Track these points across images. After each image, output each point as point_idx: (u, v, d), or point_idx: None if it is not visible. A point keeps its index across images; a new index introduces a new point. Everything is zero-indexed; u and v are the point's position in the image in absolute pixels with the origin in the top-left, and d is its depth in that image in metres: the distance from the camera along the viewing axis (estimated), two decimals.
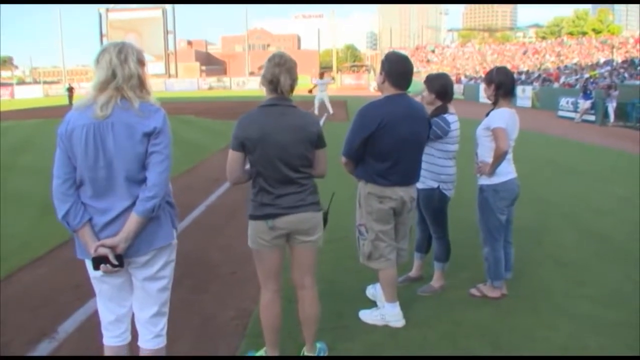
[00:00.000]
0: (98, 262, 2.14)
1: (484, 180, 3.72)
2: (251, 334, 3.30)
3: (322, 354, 3.03)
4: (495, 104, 3.72)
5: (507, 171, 3.69)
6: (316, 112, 19.05)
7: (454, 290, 3.94)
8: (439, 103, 3.75)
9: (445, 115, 3.70)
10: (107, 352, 2.39)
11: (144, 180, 2.17)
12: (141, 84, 2.19)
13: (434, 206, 3.80)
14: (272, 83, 2.65)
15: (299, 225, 2.72)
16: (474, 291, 3.88)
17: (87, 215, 2.16)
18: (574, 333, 3.34)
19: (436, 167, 3.71)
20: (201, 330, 3.43)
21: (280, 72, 2.64)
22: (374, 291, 3.72)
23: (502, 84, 3.66)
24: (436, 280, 3.97)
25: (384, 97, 3.18)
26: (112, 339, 2.37)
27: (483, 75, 42.48)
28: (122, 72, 2.13)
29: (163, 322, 2.41)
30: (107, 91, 2.12)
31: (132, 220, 2.15)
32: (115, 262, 2.14)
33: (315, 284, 2.90)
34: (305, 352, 2.99)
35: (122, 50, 2.16)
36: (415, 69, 3.40)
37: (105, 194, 2.16)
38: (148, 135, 2.14)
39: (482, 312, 3.62)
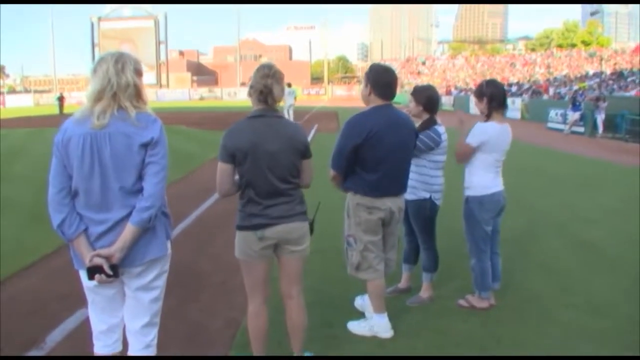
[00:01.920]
0: (93, 272, 2.13)
1: (470, 192, 3.75)
2: (239, 344, 3.30)
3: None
4: (488, 116, 3.72)
5: (494, 184, 3.72)
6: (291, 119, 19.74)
7: (442, 301, 3.96)
8: (426, 115, 3.78)
9: (436, 127, 3.74)
10: None
11: (140, 191, 2.17)
12: (138, 94, 2.19)
13: (425, 216, 3.81)
14: (262, 94, 2.65)
15: (287, 235, 2.73)
16: (462, 302, 3.90)
17: (82, 225, 2.16)
18: (563, 342, 3.36)
19: (427, 178, 3.74)
20: (190, 339, 3.42)
21: (272, 82, 2.65)
22: (362, 302, 3.72)
23: (494, 97, 3.67)
24: (424, 290, 3.98)
25: (371, 108, 3.19)
26: (104, 348, 2.36)
27: (474, 87, 42.93)
28: (119, 82, 2.13)
29: (154, 332, 2.41)
30: (103, 100, 2.12)
31: (128, 231, 2.14)
32: (110, 273, 2.13)
33: (302, 294, 2.91)
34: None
35: (120, 60, 2.16)
36: (406, 81, 3.46)
37: (100, 204, 2.16)
38: (145, 146, 2.14)
39: (471, 322, 3.64)
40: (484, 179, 3.69)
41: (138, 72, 2.20)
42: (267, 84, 2.64)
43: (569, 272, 4.66)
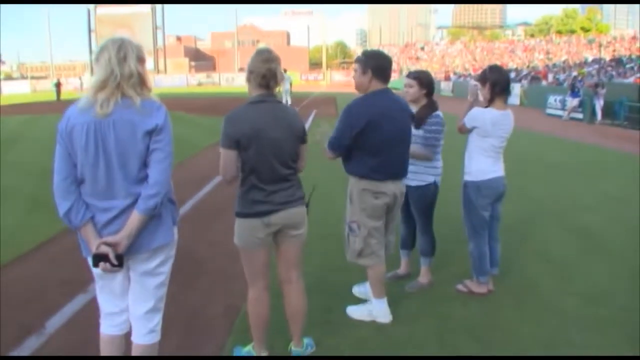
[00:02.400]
0: (98, 259, 2.13)
1: (468, 177, 3.76)
2: (238, 330, 3.31)
3: (309, 349, 3.03)
4: (490, 102, 3.70)
5: (493, 169, 3.72)
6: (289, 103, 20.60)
7: (441, 286, 3.97)
8: (424, 100, 3.78)
9: (438, 112, 3.74)
10: (103, 340, 2.39)
11: (145, 178, 2.15)
12: (141, 82, 2.16)
13: (428, 200, 3.84)
14: (265, 78, 2.62)
15: (290, 220, 2.73)
16: (460, 287, 3.91)
17: (89, 213, 2.15)
18: (560, 329, 3.38)
19: (433, 162, 3.76)
20: (189, 325, 3.43)
21: (276, 67, 2.64)
22: (362, 289, 3.73)
23: (497, 82, 3.66)
24: (423, 275, 4.00)
25: (371, 93, 3.18)
26: (111, 328, 2.37)
27: (472, 73, 42.61)
28: (122, 71, 2.09)
29: (158, 317, 2.41)
30: (107, 89, 2.10)
31: (134, 218, 2.14)
32: (115, 262, 2.13)
33: (301, 278, 2.92)
34: (293, 347, 3.00)
35: (122, 48, 2.12)
36: (405, 67, 3.45)
37: (106, 192, 2.15)
38: (150, 133, 2.12)
39: (469, 308, 3.66)
40: (482, 164, 3.70)
41: (141, 60, 2.17)
42: (272, 68, 2.63)
43: (568, 259, 4.67)
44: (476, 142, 3.71)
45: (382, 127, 3.10)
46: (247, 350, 2.99)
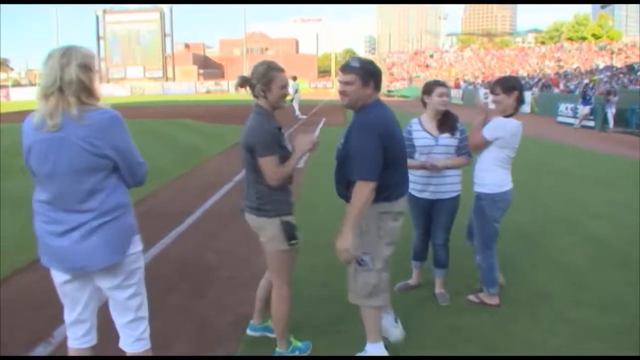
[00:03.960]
0: None
1: (482, 189, 3.68)
2: (248, 339, 3.29)
3: (296, 352, 3.07)
4: (515, 110, 3.63)
5: (507, 182, 3.68)
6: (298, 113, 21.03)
7: (452, 297, 3.92)
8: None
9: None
10: (70, 354, 2.40)
11: (97, 192, 2.12)
12: (85, 90, 2.08)
13: (458, 210, 3.82)
14: (284, 88, 2.87)
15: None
16: (472, 297, 3.86)
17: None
18: (572, 339, 3.33)
19: (459, 170, 3.79)
20: (198, 334, 3.41)
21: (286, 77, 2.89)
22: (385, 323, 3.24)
23: (520, 93, 3.64)
24: (439, 287, 3.97)
25: (376, 102, 2.82)
26: (73, 341, 2.38)
27: (482, 81, 42.43)
28: (62, 77, 2.04)
29: (142, 326, 2.37)
30: (51, 98, 2.05)
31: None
32: None
33: (281, 286, 2.95)
34: (277, 348, 3.07)
35: (66, 54, 2.07)
36: (414, 74, 3.39)
37: (62, 207, 2.14)
38: (97, 146, 2.07)
39: (480, 318, 3.61)
40: (497, 176, 3.64)
41: (85, 67, 2.09)
42: (286, 79, 2.91)
43: (579, 268, 4.61)
44: (493, 153, 3.62)
45: (396, 138, 2.82)
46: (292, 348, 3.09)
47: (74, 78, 2.05)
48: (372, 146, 2.67)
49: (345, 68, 2.78)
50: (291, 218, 2.88)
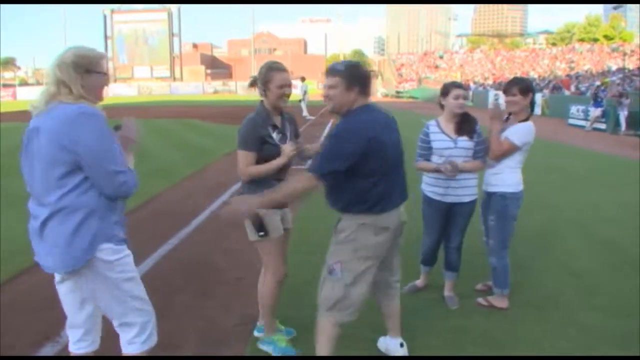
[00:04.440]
0: None
1: (508, 188, 3.67)
2: (255, 341, 3.28)
3: (269, 348, 3.16)
4: (528, 117, 3.67)
5: (521, 181, 3.74)
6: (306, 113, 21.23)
7: (461, 300, 3.89)
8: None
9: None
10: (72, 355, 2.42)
11: (58, 187, 2.08)
12: (65, 86, 2.10)
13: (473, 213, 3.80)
14: (283, 88, 2.98)
15: None
16: (481, 301, 3.83)
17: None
18: (583, 344, 3.29)
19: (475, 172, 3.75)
20: (205, 335, 3.40)
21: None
22: (388, 343, 3.15)
23: (533, 95, 3.66)
24: (449, 289, 3.93)
25: (362, 108, 2.63)
26: (72, 345, 2.40)
27: (492, 82, 42.08)
28: (48, 73, 2.14)
29: (132, 331, 2.29)
30: (43, 91, 2.15)
31: None
32: None
33: (266, 275, 3.11)
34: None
35: (60, 52, 2.16)
36: (423, 75, 3.34)
37: (36, 198, 2.18)
38: (60, 139, 2.05)
39: (489, 321, 3.58)
40: (517, 175, 3.70)
41: (62, 64, 2.11)
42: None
43: (591, 271, 4.56)
44: (516, 156, 3.66)
45: (384, 145, 2.58)
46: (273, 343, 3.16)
47: (49, 72, 2.13)
48: (340, 153, 2.50)
49: (330, 71, 2.66)
50: (264, 212, 2.89)
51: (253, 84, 3.05)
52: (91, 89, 2.16)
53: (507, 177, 3.68)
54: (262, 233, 2.97)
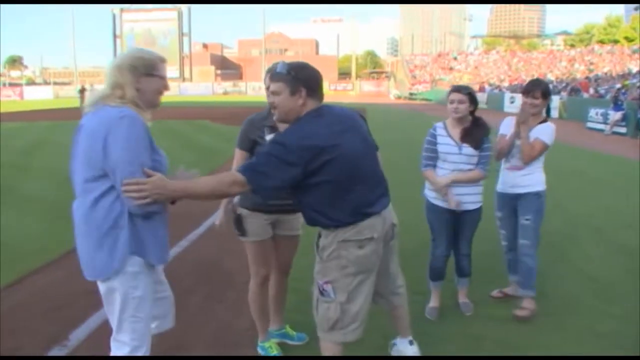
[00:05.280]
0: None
1: (542, 186, 3.73)
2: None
3: (259, 352, 3.15)
4: (545, 119, 3.72)
5: None
6: None
7: (476, 307, 3.81)
8: (469, 117, 3.56)
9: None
10: None
11: (86, 191, 2.06)
12: (110, 87, 2.09)
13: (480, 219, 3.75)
14: None
15: None
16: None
17: None
18: (602, 353, 3.19)
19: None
20: (215, 339, 3.38)
21: None
22: (402, 347, 3.01)
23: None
24: (464, 296, 3.85)
25: (311, 113, 2.37)
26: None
27: (508, 84, 41.64)
28: (106, 72, 2.17)
29: (119, 351, 2.17)
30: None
31: None
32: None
33: (251, 275, 3.15)
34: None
35: (121, 54, 2.20)
36: (437, 77, 3.23)
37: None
38: (94, 141, 2.01)
39: (505, 329, 3.50)
40: (544, 174, 3.76)
41: (131, 68, 2.08)
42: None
43: (609, 278, 4.45)
44: (542, 156, 3.73)
45: (349, 150, 2.34)
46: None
47: (109, 75, 2.12)
48: (276, 173, 2.22)
49: (272, 76, 2.40)
50: (246, 212, 2.93)
51: None
52: (147, 93, 2.12)
53: (538, 177, 3.73)
54: (239, 233, 2.99)
